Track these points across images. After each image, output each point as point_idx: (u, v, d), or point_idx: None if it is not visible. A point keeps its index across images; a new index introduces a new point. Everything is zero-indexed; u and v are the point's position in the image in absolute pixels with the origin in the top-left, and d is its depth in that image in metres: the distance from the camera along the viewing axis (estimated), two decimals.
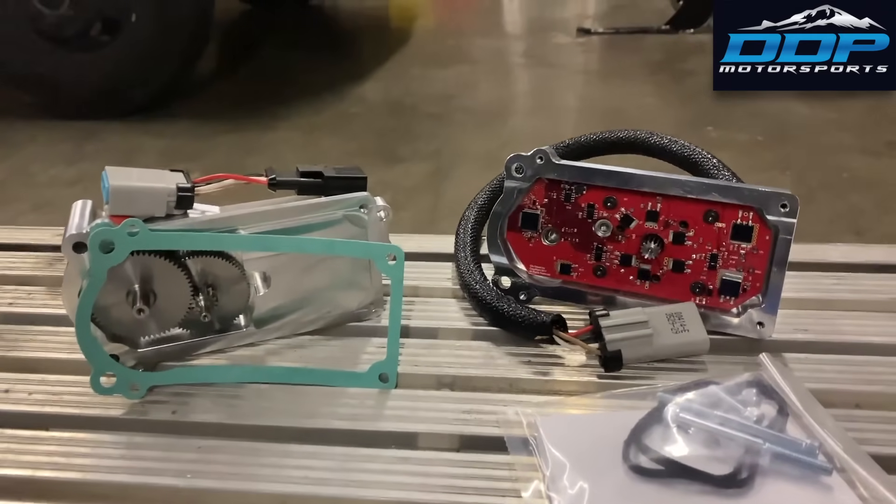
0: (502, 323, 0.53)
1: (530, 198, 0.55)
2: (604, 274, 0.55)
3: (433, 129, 2.08)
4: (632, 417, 0.44)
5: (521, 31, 3.05)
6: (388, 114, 2.22)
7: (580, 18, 3.01)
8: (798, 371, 0.49)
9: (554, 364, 0.51)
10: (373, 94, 2.35)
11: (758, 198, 0.50)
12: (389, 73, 2.56)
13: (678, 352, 0.50)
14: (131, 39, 2.05)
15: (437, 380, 0.51)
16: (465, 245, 0.59)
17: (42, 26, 2.05)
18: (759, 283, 0.51)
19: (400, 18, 3.35)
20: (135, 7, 2.01)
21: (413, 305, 0.58)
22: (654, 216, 0.53)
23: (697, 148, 0.59)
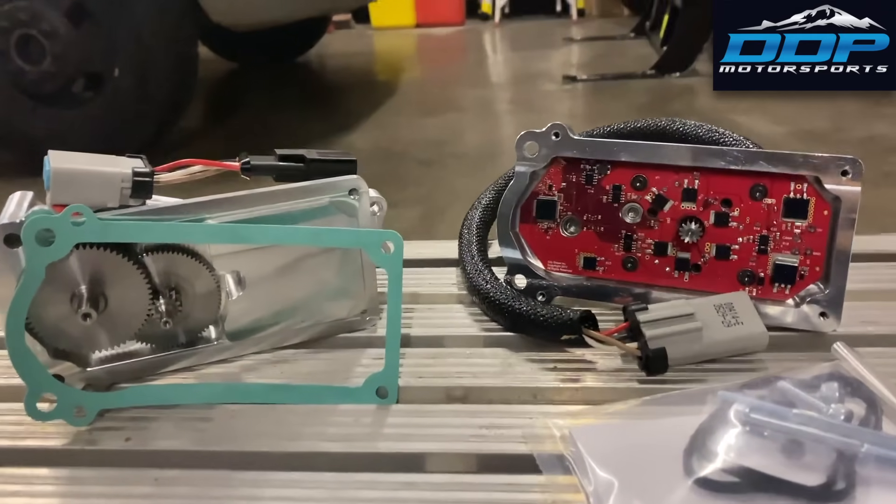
0: (520, 325, 0.45)
1: (546, 182, 0.48)
2: (635, 267, 0.47)
3: (423, 174, 2.03)
4: (688, 423, 0.35)
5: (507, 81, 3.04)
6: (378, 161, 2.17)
7: (565, 67, 3.02)
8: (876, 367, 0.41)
9: (585, 369, 0.43)
10: (362, 143, 2.31)
11: (813, 164, 0.43)
12: (378, 123, 2.52)
13: (732, 348, 0.42)
14: (114, 95, 2.00)
15: (446, 392, 0.42)
16: (469, 245, 0.51)
17: (23, 83, 2.00)
18: (818, 268, 0.44)
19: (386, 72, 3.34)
20: (118, 62, 1.97)
21: (413, 313, 0.50)
22: (691, 195, 0.46)
23: (727, 131, 0.52)
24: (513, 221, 0.49)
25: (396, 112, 2.60)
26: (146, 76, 1.94)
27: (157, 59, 1.99)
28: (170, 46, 1.90)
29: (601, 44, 3.42)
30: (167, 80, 2.07)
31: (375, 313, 0.48)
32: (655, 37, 3.11)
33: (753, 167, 0.44)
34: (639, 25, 3.43)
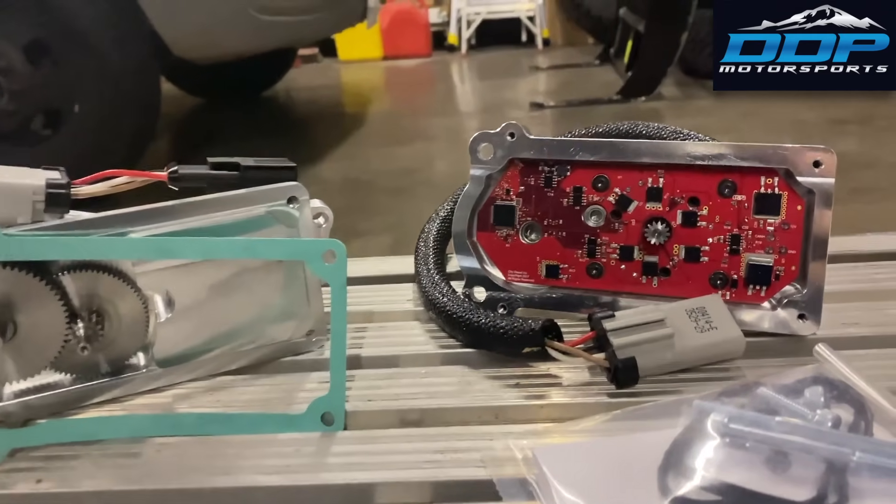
0: (479, 339, 0.42)
1: (503, 186, 0.45)
2: (600, 273, 0.44)
3: (392, 203, 2.00)
4: (662, 438, 0.32)
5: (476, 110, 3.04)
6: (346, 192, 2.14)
7: (532, 94, 3.02)
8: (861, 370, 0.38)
9: (550, 384, 0.39)
10: (329, 174, 2.28)
11: (784, 156, 0.40)
12: (346, 153, 2.50)
13: (706, 355, 0.39)
14: (74, 132, 1.95)
15: (399, 416, 0.38)
16: (426, 258, 0.48)
17: None
18: (794, 267, 0.41)
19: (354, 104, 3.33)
20: (78, 98, 1.92)
21: (366, 332, 0.46)
22: (656, 194, 0.43)
23: (692, 132, 0.50)
24: (469, 229, 0.45)
25: (365, 143, 2.58)
26: (107, 112, 1.90)
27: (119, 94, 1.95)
28: (131, 81, 1.86)
29: (567, 71, 3.45)
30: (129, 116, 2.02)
31: (323, 333, 0.44)
32: (620, 62, 3.13)
33: (721, 162, 0.41)
34: (603, 52, 3.46)
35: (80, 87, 1.86)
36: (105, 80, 1.80)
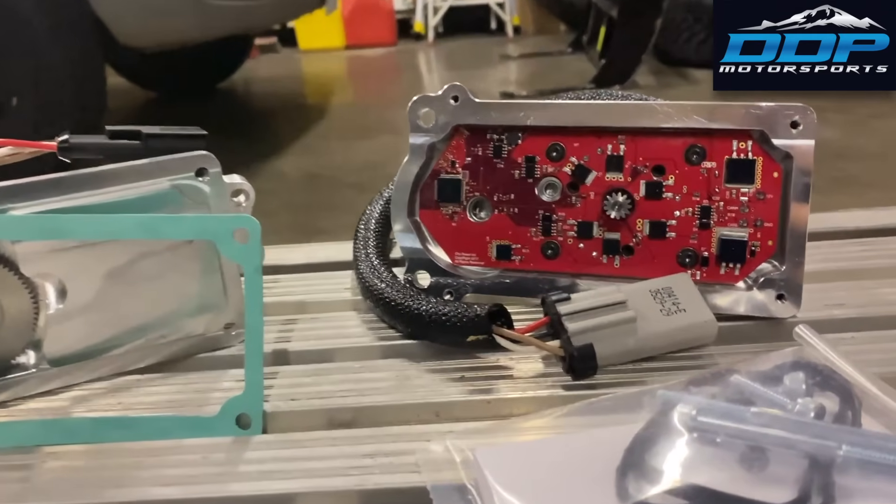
0: (420, 329, 0.37)
1: (447, 158, 0.40)
2: (556, 253, 0.40)
3: (356, 199, 1.93)
4: (621, 434, 0.27)
5: None
6: (307, 188, 2.08)
7: (503, 84, 2.97)
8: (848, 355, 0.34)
9: (498, 377, 0.35)
10: (290, 170, 2.21)
11: (757, 117, 0.36)
12: (307, 147, 2.43)
13: (673, 341, 0.35)
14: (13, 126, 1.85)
15: (328, 417, 0.34)
16: (366, 241, 0.43)
17: None
18: (771, 242, 0.37)
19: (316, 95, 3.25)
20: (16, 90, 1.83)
21: (296, 325, 0.41)
22: (616, 163, 0.38)
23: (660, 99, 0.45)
24: (411, 207, 0.41)
25: (327, 136, 2.51)
26: (48, 105, 1.81)
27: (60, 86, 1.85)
28: (74, 72, 1.78)
29: (538, 60, 3.40)
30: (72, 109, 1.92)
31: (243, 326, 0.39)
32: (593, 50, 3.10)
33: (688, 124, 0.37)
34: (576, 40, 3.42)
35: (16, 80, 1.77)
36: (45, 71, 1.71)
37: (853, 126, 1.85)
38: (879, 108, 1.95)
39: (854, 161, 1.65)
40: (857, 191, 1.52)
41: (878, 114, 1.95)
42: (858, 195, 1.49)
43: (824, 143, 1.87)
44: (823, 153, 2.05)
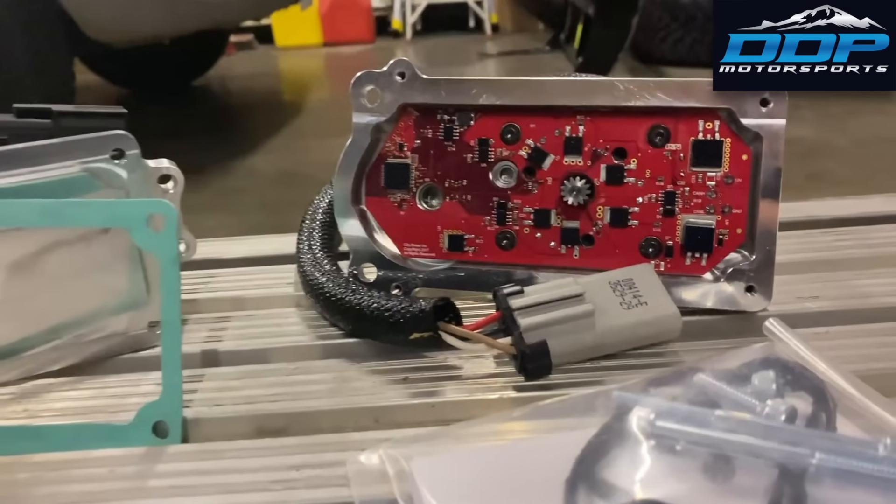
0: (360, 326, 0.34)
1: (395, 140, 0.37)
2: (512, 244, 0.37)
3: None
4: (572, 442, 0.25)
5: None
6: (281, 185, 2.04)
7: None
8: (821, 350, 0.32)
9: (445, 378, 0.32)
10: (264, 167, 2.17)
11: (724, 94, 0.33)
12: (283, 145, 2.39)
13: (634, 337, 0.32)
14: None
15: (257, 424, 0.31)
16: (311, 232, 0.40)
17: None
18: (740, 230, 0.34)
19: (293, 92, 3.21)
20: None
21: (230, 322, 0.38)
22: (575, 146, 0.36)
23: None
24: (355, 194, 0.38)
25: (304, 133, 2.47)
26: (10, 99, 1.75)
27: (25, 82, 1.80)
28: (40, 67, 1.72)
29: (516, 58, 3.38)
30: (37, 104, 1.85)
31: None
32: (570, 48, 3.08)
33: (650, 102, 0.34)
34: (553, 38, 3.41)
35: None
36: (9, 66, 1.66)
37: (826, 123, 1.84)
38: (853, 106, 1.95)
39: (827, 158, 1.64)
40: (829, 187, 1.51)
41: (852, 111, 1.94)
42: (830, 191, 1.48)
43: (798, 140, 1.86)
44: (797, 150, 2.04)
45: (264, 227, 1.70)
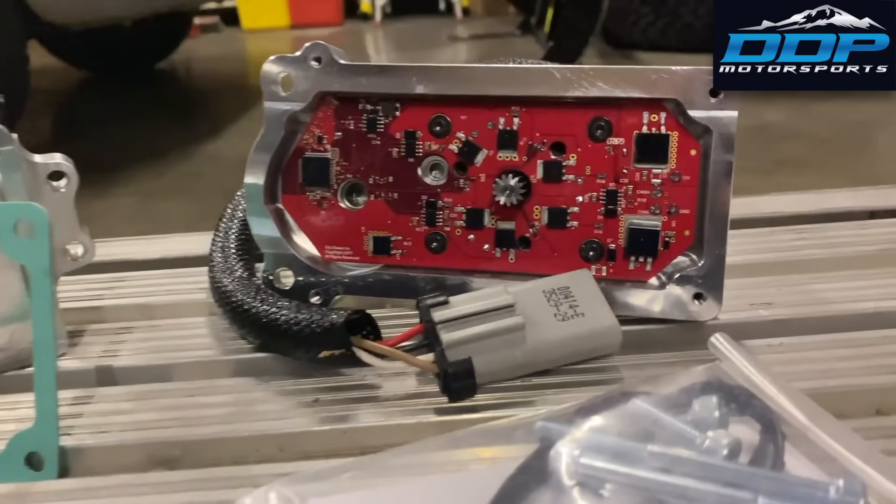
0: (268, 340, 0.31)
1: (313, 132, 0.34)
2: (443, 246, 0.34)
3: None
4: (485, 480, 0.22)
5: None
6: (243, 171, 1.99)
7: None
8: (771, 366, 0.29)
9: (360, 400, 0.29)
10: (227, 152, 2.10)
11: (671, 83, 0.30)
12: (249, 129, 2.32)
13: (570, 352, 0.29)
14: None
15: (148, 453, 0.27)
16: (227, 233, 0.36)
17: None
18: (688, 231, 0.31)
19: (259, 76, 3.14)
20: None
21: (132, 334, 0.34)
22: (509, 139, 0.32)
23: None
24: (270, 192, 0.34)
25: None
26: None
27: None
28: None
29: (487, 42, 3.34)
30: None
31: (62, 336, 0.32)
32: (541, 32, 3.04)
33: (590, 92, 0.31)
34: (524, 22, 3.37)
35: None
36: None
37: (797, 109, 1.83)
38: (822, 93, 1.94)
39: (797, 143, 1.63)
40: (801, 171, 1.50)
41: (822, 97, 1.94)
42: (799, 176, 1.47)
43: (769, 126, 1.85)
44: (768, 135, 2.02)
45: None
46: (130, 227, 1.61)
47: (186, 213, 1.70)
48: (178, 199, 1.76)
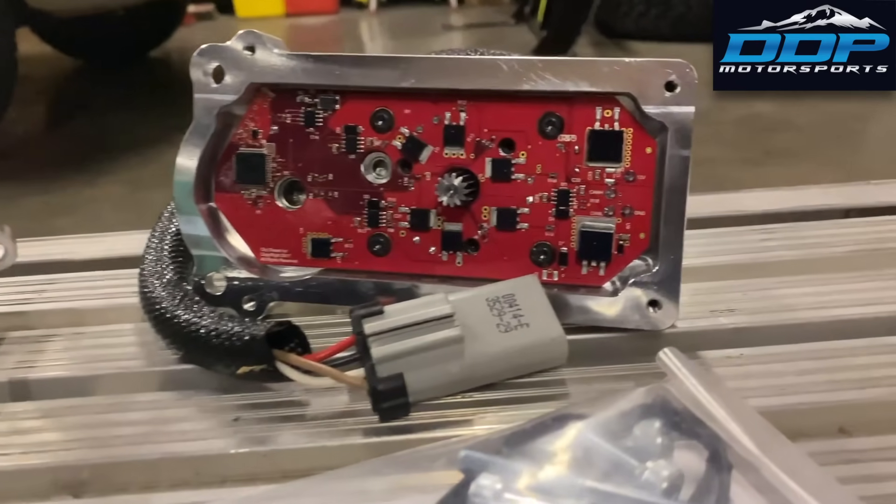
0: (189, 351, 0.29)
1: (248, 127, 0.32)
2: (386, 249, 0.32)
3: None
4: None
5: None
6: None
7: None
8: (728, 380, 0.27)
9: (285, 419, 0.27)
10: None
11: (623, 77, 0.28)
12: None
13: (512, 365, 0.27)
14: None
15: (52, 478, 0.25)
16: (163, 233, 0.34)
17: None
18: (643, 234, 0.29)
19: None
20: None
21: (52, 343, 0.32)
22: (456, 135, 0.30)
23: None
24: (202, 190, 0.32)
25: None
26: None
27: None
28: None
29: (481, 31, 3.30)
30: None
31: None
32: (534, 21, 3.01)
33: (539, 86, 0.29)
34: (518, 11, 3.33)
35: None
36: None
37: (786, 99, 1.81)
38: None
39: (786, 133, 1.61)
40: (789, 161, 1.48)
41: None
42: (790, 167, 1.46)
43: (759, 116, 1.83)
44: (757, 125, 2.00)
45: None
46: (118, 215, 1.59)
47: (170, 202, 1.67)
48: (167, 189, 1.73)
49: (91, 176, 1.83)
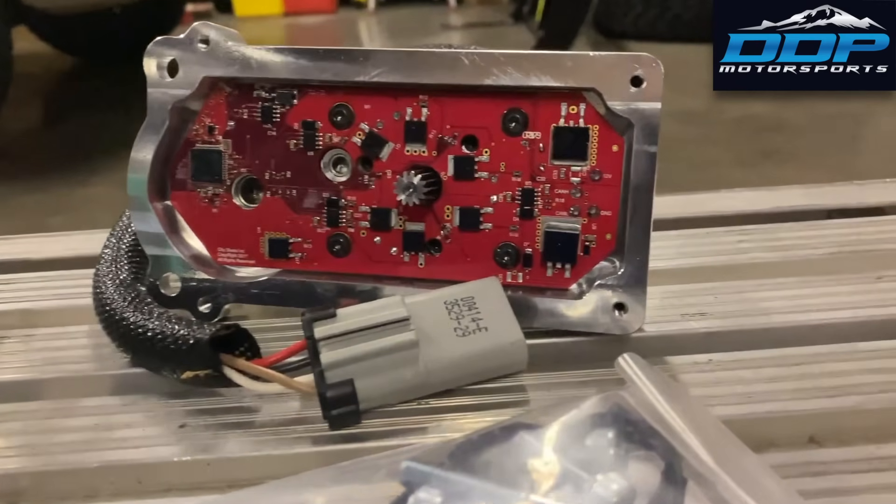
0: (136, 354, 0.28)
1: (204, 122, 0.31)
2: (346, 249, 0.31)
3: None
4: None
5: None
6: None
7: None
8: (695, 387, 0.26)
9: (233, 425, 0.26)
10: None
11: (587, 71, 0.27)
12: None
13: (469, 371, 0.26)
14: None
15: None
16: (124, 230, 0.33)
17: None
18: (610, 235, 0.28)
19: None
20: None
21: (1, 346, 0.31)
22: (417, 131, 0.29)
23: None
24: (158, 187, 0.31)
25: None
26: None
27: None
28: None
29: (480, 30, 3.29)
30: None
31: None
32: (533, 21, 3.00)
33: (502, 81, 0.28)
34: (517, 10, 3.33)
35: None
36: None
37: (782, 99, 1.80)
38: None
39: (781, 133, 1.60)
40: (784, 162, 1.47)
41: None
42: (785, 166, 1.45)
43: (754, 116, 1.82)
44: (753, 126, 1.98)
45: None
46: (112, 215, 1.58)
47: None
48: None
49: (84, 176, 1.83)
